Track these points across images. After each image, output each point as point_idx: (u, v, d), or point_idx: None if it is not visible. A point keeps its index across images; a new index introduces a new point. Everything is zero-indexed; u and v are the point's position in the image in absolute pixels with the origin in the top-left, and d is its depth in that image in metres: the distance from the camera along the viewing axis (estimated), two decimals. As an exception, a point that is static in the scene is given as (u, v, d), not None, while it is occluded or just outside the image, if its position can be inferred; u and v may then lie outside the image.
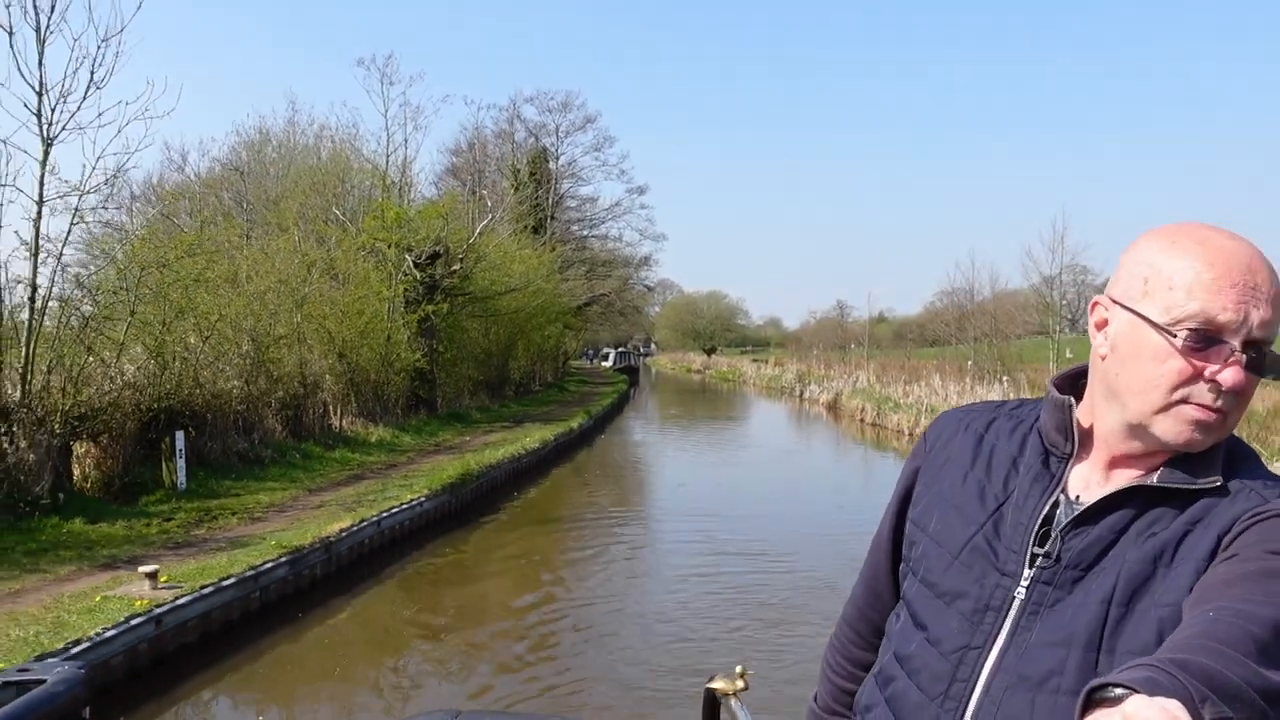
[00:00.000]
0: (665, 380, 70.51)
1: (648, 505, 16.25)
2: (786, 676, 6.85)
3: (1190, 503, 1.08)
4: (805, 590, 9.58)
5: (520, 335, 32.37)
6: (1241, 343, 1.03)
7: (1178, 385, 1.06)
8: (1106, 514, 1.11)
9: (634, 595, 9.71)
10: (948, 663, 1.14)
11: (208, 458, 13.67)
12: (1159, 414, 1.08)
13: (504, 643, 8.07)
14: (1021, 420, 1.26)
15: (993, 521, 1.18)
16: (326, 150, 28.72)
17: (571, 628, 8.49)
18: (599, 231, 50.15)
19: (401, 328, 22.21)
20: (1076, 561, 1.10)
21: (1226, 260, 1.05)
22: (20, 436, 10.46)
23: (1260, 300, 1.04)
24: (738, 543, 11.86)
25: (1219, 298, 1.03)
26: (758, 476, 19.24)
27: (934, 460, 1.31)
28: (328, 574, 9.20)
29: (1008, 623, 1.12)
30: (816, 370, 47.63)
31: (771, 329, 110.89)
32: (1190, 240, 1.08)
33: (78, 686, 1.47)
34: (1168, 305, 1.06)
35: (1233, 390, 1.04)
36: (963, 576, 1.17)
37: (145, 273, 12.57)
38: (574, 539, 12.54)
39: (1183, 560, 1.04)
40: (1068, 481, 1.17)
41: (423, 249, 23.08)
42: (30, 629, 6.30)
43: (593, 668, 7.39)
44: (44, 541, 9.43)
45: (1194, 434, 1.07)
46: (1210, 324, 1.04)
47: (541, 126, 45.61)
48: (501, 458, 15.96)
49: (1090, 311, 1.17)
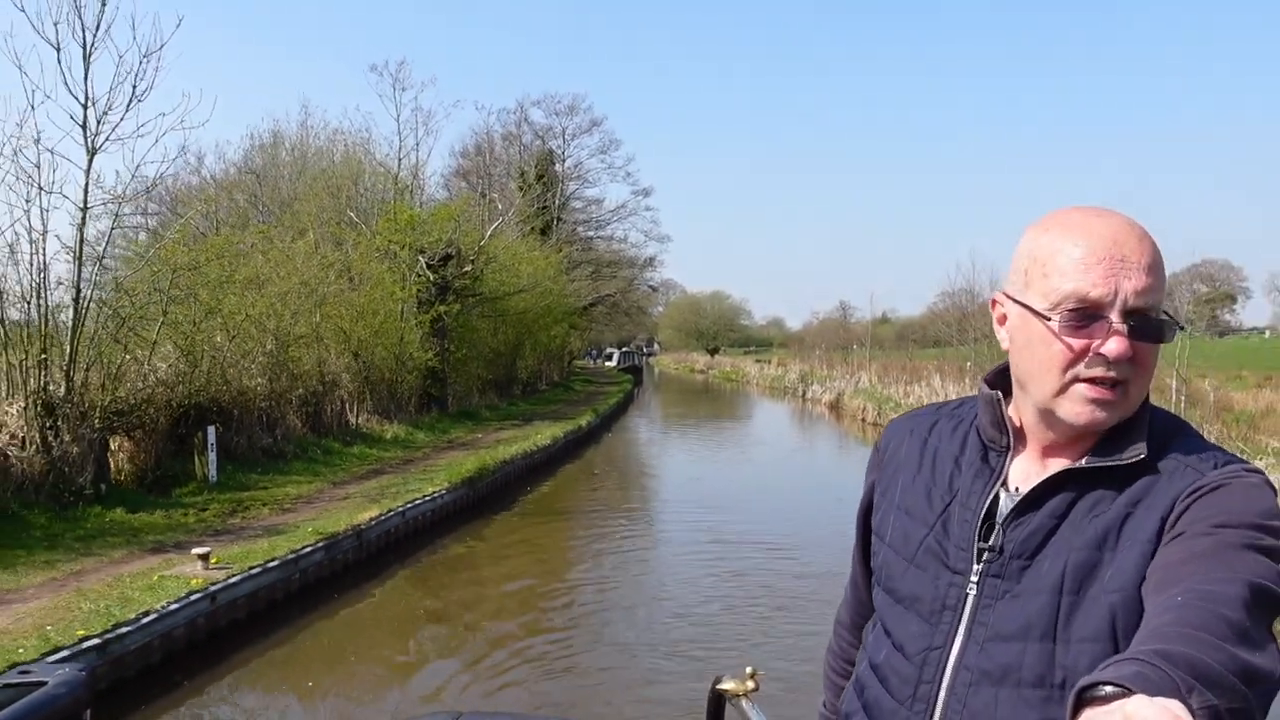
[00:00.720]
0: (669, 380, 71.08)
1: (655, 500, 16.84)
2: (782, 650, 7.44)
3: (1127, 482, 1.10)
4: (806, 576, 10.16)
5: (528, 335, 32.96)
6: (1120, 314, 1.07)
7: (1067, 366, 1.10)
8: (1044, 501, 1.13)
9: (641, 581, 10.31)
10: (913, 666, 1.17)
11: (235, 452, 14.26)
12: (1058, 397, 1.12)
13: (516, 623, 8.66)
14: (961, 419, 1.29)
15: (941, 522, 1.21)
16: (339, 153, 29.33)
17: (581, 610, 9.08)
18: (605, 233, 50.83)
19: (414, 328, 22.81)
20: (1020, 551, 1.12)
21: (1092, 238, 1.08)
22: (65, 430, 11.07)
23: (1131, 270, 1.07)
24: (741, 534, 12.44)
25: (1088, 275, 1.07)
26: (761, 473, 19.82)
27: (886, 469, 1.34)
28: (359, 559, 9.81)
29: (964, 620, 1.14)
30: (819, 370, 48.15)
31: (774, 329, 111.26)
32: (1059, 225, 1.12)
33: (79, 689, 1.44)
34: (1045, 291, 1.10)
35: (1119, 360, 1.07)
36: (919, 580, 1.20)
37: (177, 275, 13.18)
38: (585, 531, 13.13)
39: (1127, 544, 1.06)
40: (1008, 474, 1.19)
41: (435, 251, 23.67)
42: (100, 603, 6.90)
43: (600, 646, 7.99)
44: (90, 529, 10.04)
45: (1094, 412, 1.10)
46: (1085, 302, 1.07)
47: (548, 129, 46.26)
48: (515, 454, 16.56)
49: (991, 309, 1.23)
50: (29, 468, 10.64)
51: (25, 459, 10.67)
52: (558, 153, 46.46)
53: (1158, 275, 1.08)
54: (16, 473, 10.52)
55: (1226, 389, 26.71)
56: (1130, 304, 1.06)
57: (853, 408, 34.33)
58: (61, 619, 6.53)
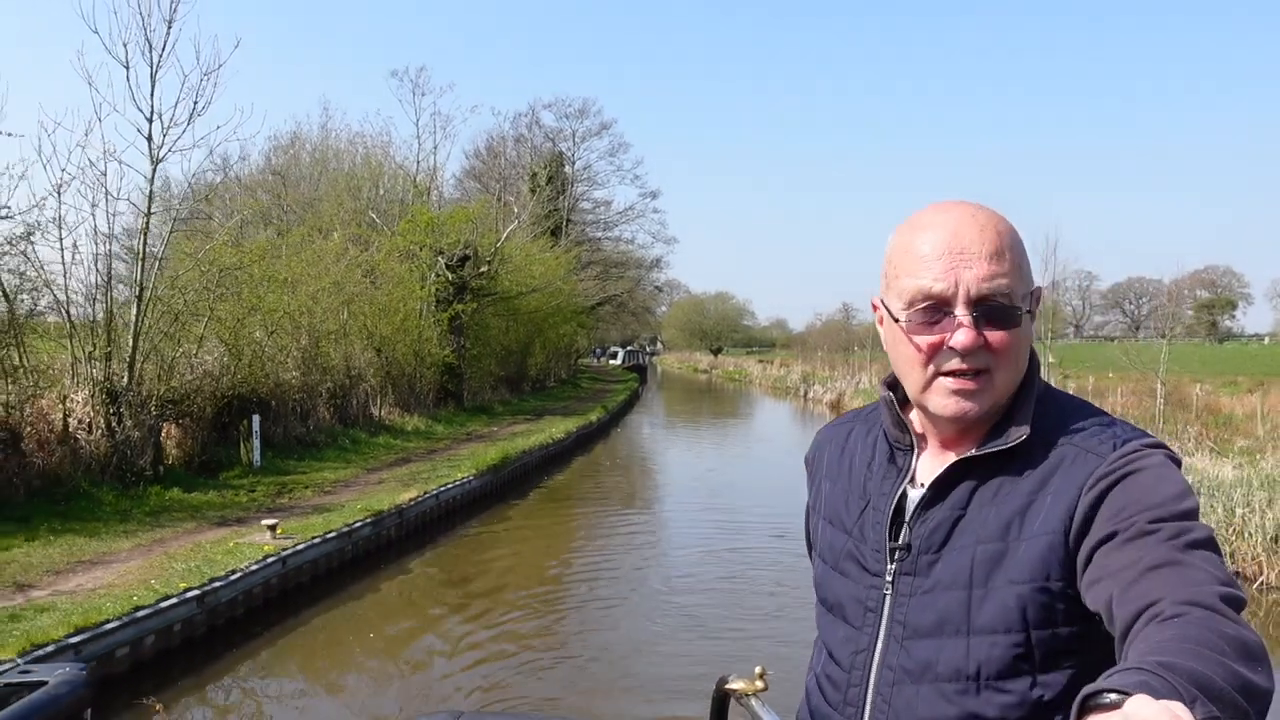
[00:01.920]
0: (672, 379, 72.07)
1: (662, 491, 17.85)
2: (767, 631, 8.44)
3: (1026, 468, 1.11)
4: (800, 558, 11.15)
5: (538, 334, 33.97)
6: (965, 305, 1.08)
7: (925, 362, 1.12)
8: (946, 494, 1.14)
9: (648, 563, 11.31)
10: (843, 670, 1.19)
11: (272, 440, 15.27)
12: (925, 392, 1.14)
13: (536, 592, 9.67)
14: (873, 424, 1.30)
15: (859, 526, 1.22)
16: (359, 155, 30.34)
17: (591, 589, 10.07)
18: (613, 234, 51.84)
19: (432, 325, 23.82)
20: (926, 546, 1.14)
21: (934, 234, 1.11)
22: (127, 416, 12.09)
23: (971, 260, 1.08)
24: (744, 523, 13.43)
25: (930, 271, 1.09)
26: (762, 469, 20.79)
27: (816, 482, 1.36)
28: (401, 535, 10.84)
29: (884, 620, 1.15)
30: (821, 371, 49.10)
31: (777, 330, 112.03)
32: (910, 225, 1.15)
33: (80, 688, 1.44)
34: (899, 292, 1.13)
35: (967, 351, 1.08)
36: (843, 586, 1.22)
37: (224, 274, 14.20)
38: (597, 517, 14.14)
39: (1031, 532, 1.07)
40: (915, 472, 1.20)
41: (454, 252, 24.67)
42: (188, 563, 7.92)
43: (608, 622, 8.99)
44: (154, 506, 11.06)
45: (959, 403, 1.11)
46: (930, 297, 1.09)
47: (559, 132, 47.30)
48: (532, 445, 17.58)
49: (874, 312, 1.23)
50: (96, 450, 11.68)
51: (93, 442, 11.71)
52: (568, 155, 47.47)
53: (1004, 262, 1.09)
54: (85, 454, 11.55)
55: (1219, 393, 27.62)
56: (974, 293, 1.07)
57: (853, 408, 35.25)
58: (159, 575, 7.55)
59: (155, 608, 6.62)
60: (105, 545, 8.74)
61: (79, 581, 7.42)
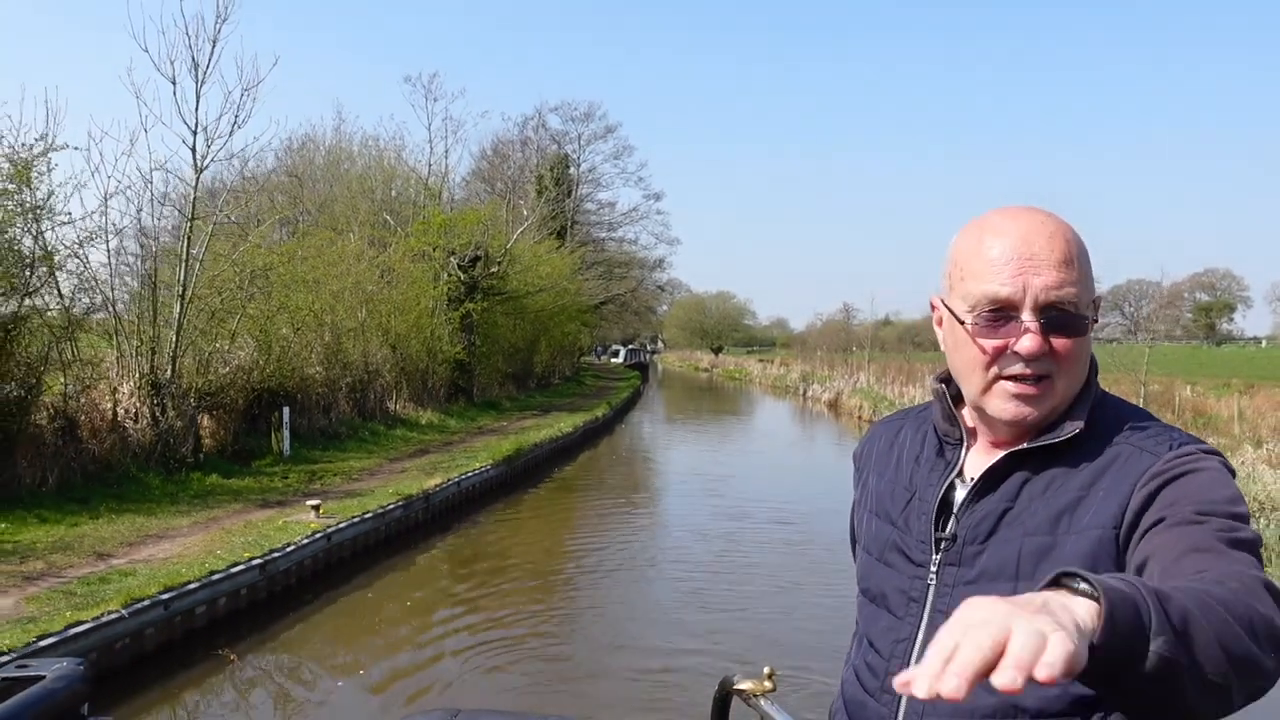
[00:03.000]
0: (673, 378, 73.02)
1: (666, 482, 18.74)
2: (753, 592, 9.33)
3: (1079, 463, 1.13)
4: (802, 542, 12.07)
5: (544, 332, 34.88)
6: (1032, 311, 1.09)
7: (988, 365, 1.14)
8: (995, 486, 1.16)
9: (653, 546, 12.21)
10: (883, 659, 1.21)
11: (298, 431, 16.16)
12: (985, 395, 1.16)
13: (546, 569, 10.57)
14: (924, 420, 1.33)
15: (904, 518, 1.25)
16: (372, 157, 31.21)
17: (599, 560, 10.98)
18: (616, 234, 52.73)
19: (444, 323, 24.72)
20: (973, 537, 1.16)
21: (1003, 239, 1.12)
22: (170, 407, 12.99)
23: (1040, 267, 1.09)
24: (743, 510, 14.33)
25: (998, 276, 1.11)
26: (761, 462, 21.71)
27: (863, 476, 1.39)
28: (427, 518, 11.75)
29: (927, 609, 1.18)
30: (820, 371, 49.99)
31: (778, 329, 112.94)
32: (977, 229, 1.17)
33: (77, 683, 1.44)
34: (964, 294, 1.15)
35: (1032, 357, 1.10)
36: (887, 576, 1.24)
37: (255, 274, 15.09)
38: (606, 505, 15.03)
39: (1084, 525, 1.08)
40: (964, 466, 1.23)
41: (465, 252, 25.57)
42: (245, 538, 8.82)
43: (618, 586, 9.89)
44: (198, 490, 11.96)
45: (1019, 407, 1.13)
46: (997, 302, 1.11)
47: (564, 134, 48.21)
48: (542, 439, 18.49)
49: (932, 311, 1.26)
50: (142, 438, 12.58)
51: (139, 431, 12.61)
52: (573, 157, 48.38)
53: (1071, 270, 1.10)
54: (133, 442, 12.45)
55: (1208, 395, 28.44)
56: (1041, 300, 1.08)
57: (850, 406, 36.18)
58: (220, 547, 8.44)
59: (227, 572, 7.53)
60: (165, 523, 9.64)
61: (150, 552, 8.33)
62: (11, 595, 6.90)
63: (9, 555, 8.07)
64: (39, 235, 10.87)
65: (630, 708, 6.49)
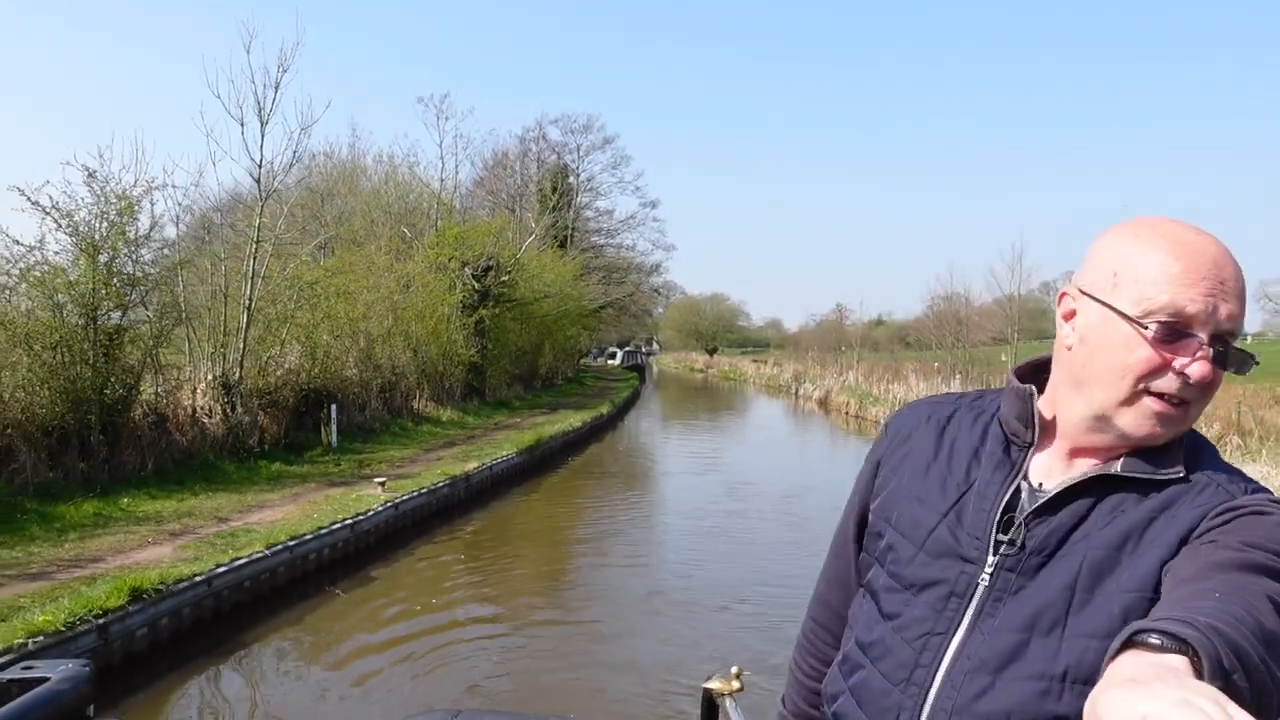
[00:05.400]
0: (669, 378, 75.12)
1: (667, 472, 20.82)
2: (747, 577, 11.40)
3: (1152, 492, 1.10)
4: (787, 524, 14.14)
5: (548, 335, 36.94)
6: (1209, 336, 1.06)
7: (1144, 376, 1.08)
8: (1070, 501, 1.13)
9: (656, 527, 14.29)
10: (911, 649, 1.17)
11: (339, 426, 18.17)
12: (1123, 405, 1.10)
13: (572, 538, 12.63)
14: (982, 411, 1.29)
15: (955, 511, 1.21)
16: (385, 172, 33.21)
17: (611, 528, 13.05)
18: (615, 241, 54.80)
19: (459, 329, 26.76)
20: (1040, 548, 1.12)
21: (1195, 254, 1.07)
22: (238, 405, 15.02)
23: (1227, 294, 1.06)
24: (737, 496, 16.41)
25: (1188, 290, 1.05)
26: (757, 453, 23.81)
27: (895, 453, 1.33)
28: (468, 496, 13.82)
29: (971, 609, 1.14)
30: (812, 370, 52.12)
31: (772, 330, 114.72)
32: (1158, 235, 1.10)
33: (82, 684, 1.43)
34: (1137, 298, 1.08)
35: (1199, 384, 1.07)
36: (928, 566, 1.20)
37: (304, 288, 17.13)
38: (615, 490, 17.11)
39: (1148, 548, 1.07)
40: (1029, 470, 1.19)
41: (478, 263, 27.62)
42: (329, 507, 10.85)
43: (623, 557, 11.94)
44: (267, 475, 13.97)
45: (1156, 426, 1.09)
46: (1179, 316, 1.06)
47: (564, 145, 50.26)
48: (555, 432, 20.56)
49: (1058, 303, 1.19)
50: (216, 431, 14.61)
51: (214, 425, 14.64)
52: (572, 166, 50.43)
53: (1243, 305, 1.08)
54: (210, 434, 14.48)
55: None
56: (1222, 327, 1.06)
57: (839, 403, 38.31)
58: (312, 515, 10.47)
59: (329, 528, 9.59)
60: (258, 497, 11.68)
61: (258, 517, 10.37)
62: (166, 546, 8.93)
63: (145, 520, 10.11)
64: (138, 261, 12.87)
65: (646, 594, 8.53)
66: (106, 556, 8.39)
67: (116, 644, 6.43)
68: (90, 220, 12.02)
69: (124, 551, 8.58)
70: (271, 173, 14.82)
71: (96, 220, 12.04)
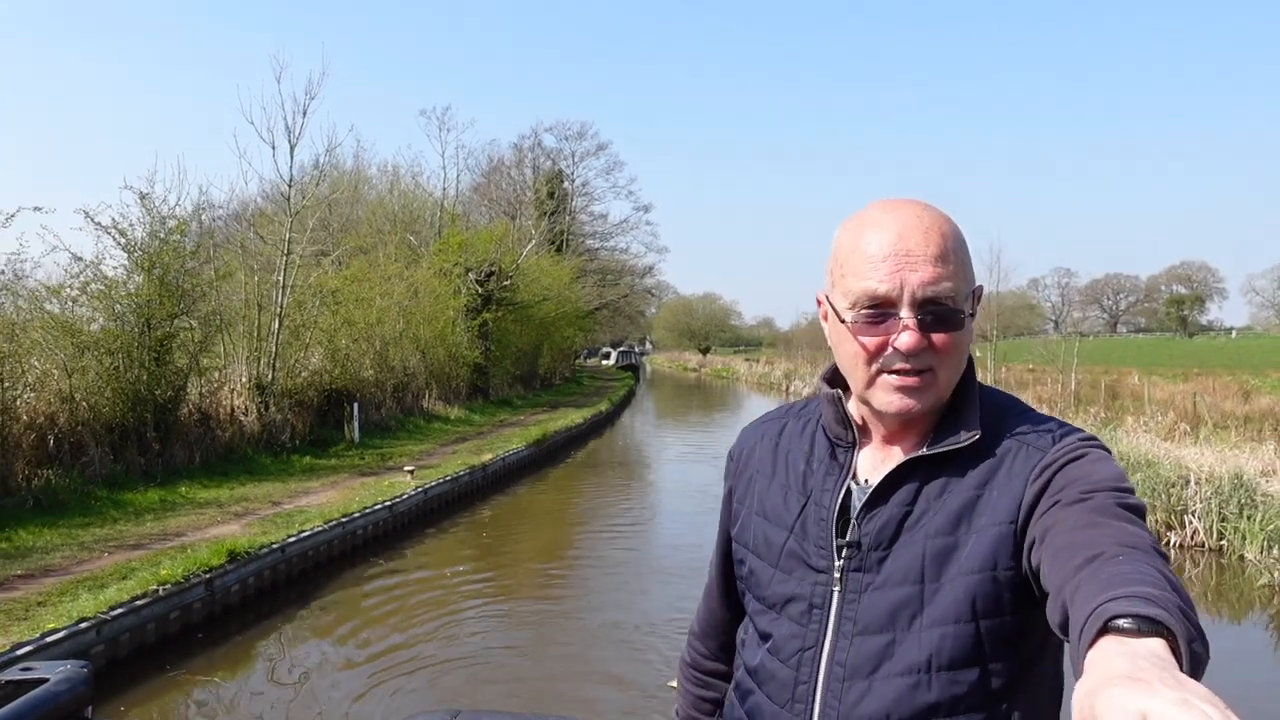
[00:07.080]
0: (663, 377, 76.54)
1: (665, 462, 22.25)
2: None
3: (971, 464, 1.16)
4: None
5: (546, 337, 38.34)
6: (910, 307, 1.11)
7: (870, 360, 1.15)
8: (893, 491, 1.17)
9: (657, 510, 15.73)
10: (789, 669, 1.20)
11: (359, 424, 19.58)
12: (869, 389, 1.17)
13: (579, 520, 14.06)
14: (809, 419, 1.33)
15: (800, 523, 1.24)
16: (389, 182, 34.61)
17: (612, 510, 14.48)
18: (609, 244, 56.31)
19: (463, 332, 28.14)
20: (876, 542, 1.16)
21: (881, 235, 1.13)
22: (272, 404, 16.41)
23: (916, 263, 1.11)
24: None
25: (875, 273, 1.12)
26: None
27: (741, 478, 1.37)
28: (485, 484, 15.25)
29: (832, 617, 1.17)
30: (803, 368, 53.54)
31: (764, 329, 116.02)
32: (856, 225, 1.18)
33: (80, 685, 1.43)
34: (845, 291, 1.16)
35: (911, 352, 1.12)
36: (784, 583, 1.23)
37: (325, 296, 18.51)
38: (616, 478, 18.54)
39: (982, 525, 1.12)
40: (856, 468, 1.23)
41: (481, 269, 29.01)
42: (366, 493, 12.24)
43: (620, 550, 13.38)
44: (300, 468, 15.35)
45: (903, 399, 1.15)
46: (875, 299, 1.12)
47: (558, 152, 51.73)
48: (559, 428, 21.98)
49: (818, 307, 1.26)
50: (253, 428, 15.99)
51: (250, 422, 16.02)
52: (566, 172, 51.86)
53: (948, 265, 1.12)
54: (247, 431, 15.86)
55: (1159, 383, 31.72)
56: (919, 296, 1.10)
57: (827, 399, 39.70)
58: (352, 500, 11.85)
59: (372, 508, 11.01)
60: (301, 485, 13.08)
61: (306, 501, 11.76)
62: (234, 524, 10.32)
63: (207, 505, 11.50)
64: (184, 274, 14.23)
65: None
66: (186, 532, 9.78)
67: (219, 595, 7.84)
68: (144, 238, 13.41)
69: (200, 528, 9.98)
70: (301, 190, 16.14)
71: (149, 238, 13.42)
